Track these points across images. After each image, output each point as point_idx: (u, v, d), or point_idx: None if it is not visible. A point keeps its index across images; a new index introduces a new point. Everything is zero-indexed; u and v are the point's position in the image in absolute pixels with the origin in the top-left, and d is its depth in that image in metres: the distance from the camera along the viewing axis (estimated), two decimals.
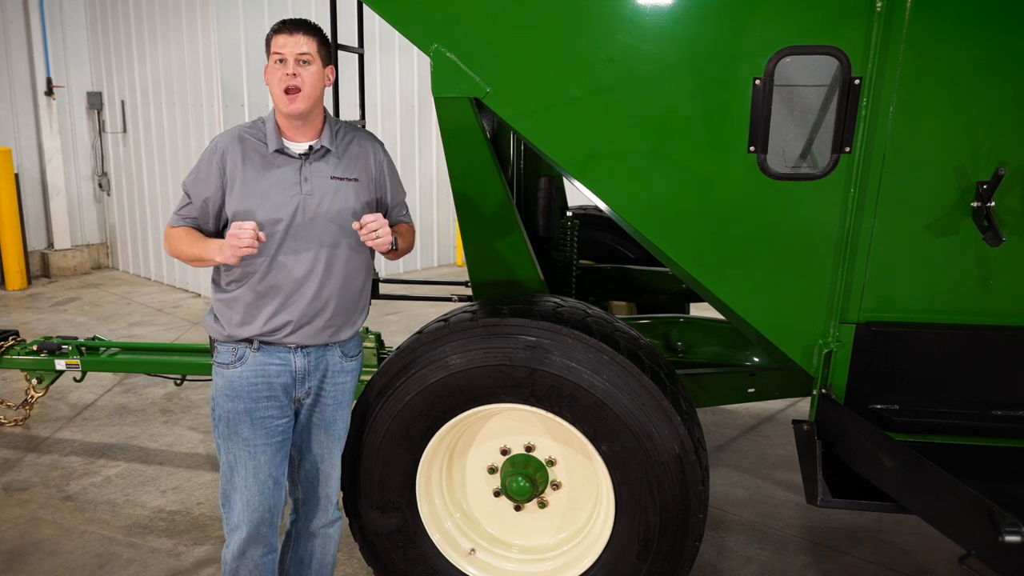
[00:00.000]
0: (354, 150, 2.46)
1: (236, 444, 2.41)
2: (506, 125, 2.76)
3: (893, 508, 2.53)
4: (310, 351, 2.44)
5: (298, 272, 2.36)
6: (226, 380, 2.40)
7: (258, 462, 2.41)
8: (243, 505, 2.44)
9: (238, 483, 2.43)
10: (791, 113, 2.43)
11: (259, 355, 2.39)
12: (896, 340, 2.53)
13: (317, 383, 2.49)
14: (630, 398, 2.51)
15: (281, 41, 2.28)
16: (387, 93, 8.73)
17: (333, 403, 2.54)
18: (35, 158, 8.67)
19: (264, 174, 2.34)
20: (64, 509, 3.81)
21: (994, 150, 2.35)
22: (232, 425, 2.40)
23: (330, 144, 2.40)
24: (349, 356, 2.55)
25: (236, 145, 2.35)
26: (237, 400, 2.39)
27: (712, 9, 2.40)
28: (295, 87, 2.27)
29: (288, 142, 2.37)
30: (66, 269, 8.88)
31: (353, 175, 2.42)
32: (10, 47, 8.38)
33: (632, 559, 2.64)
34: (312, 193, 2.35)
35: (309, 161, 2.37)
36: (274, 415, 2.42)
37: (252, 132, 2.38)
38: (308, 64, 2.29)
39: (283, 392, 2.43)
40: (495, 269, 3.10)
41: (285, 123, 2.36)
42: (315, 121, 2.38)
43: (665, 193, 2.59)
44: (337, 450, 2.61)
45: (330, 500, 2.65)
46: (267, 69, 2.34)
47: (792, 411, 5.05)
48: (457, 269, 9.42)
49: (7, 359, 4.27)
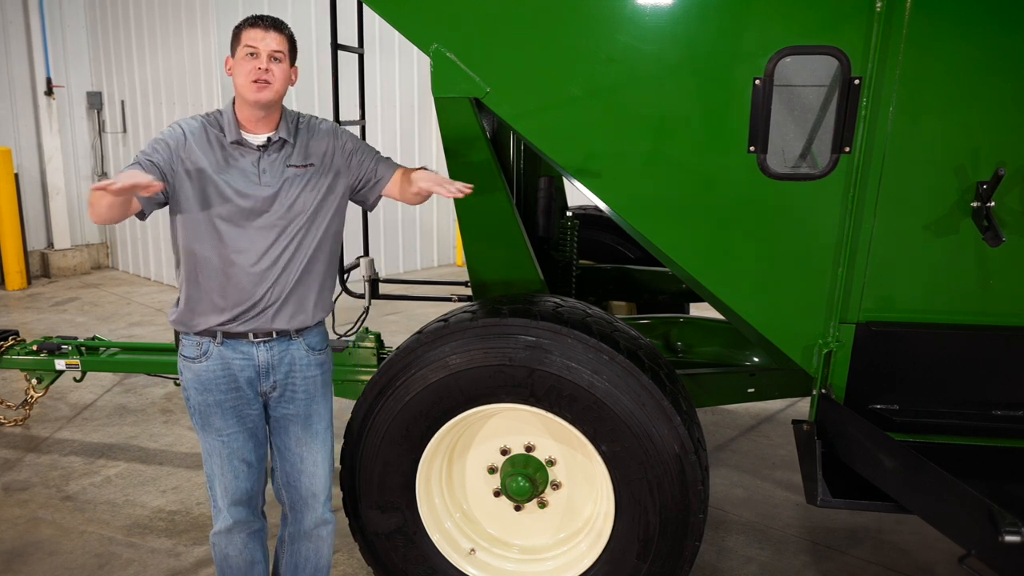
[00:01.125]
0: (312, 139, 2.47)
1: (210, 434, 2.49)
2: (506, 125, 2.76)
3: (893, 508, 2.53)
4: (272, 344, 2.45)
5: (256, 262, 2.37)
6: (194, 374, 2.45)
7: (231, 449, 2.49)
8: (222, 490, 2.54)
9: (215, 470, 2.52)
10: (791, 113, 2.43)
11: (223, 349, 2.42)
12: (896, 340, 2.53)
13: (283, 377, 2.49)
14: (630, 398, 2.51)
15: (256, 35, 2.30)
16: (387, 93, 8.73)
17: (306, 397, 2.54)
18: (35, 158, 8.67)
19: (223, 164, 2.36)
20: (64, 509, 3.81)
21: (994, 150, 2.35)
22: (204, 416, 2.47)
23: (287, 135, 2.41)
24: (315, 350, 2.55)
25: (200, 131, 2.37)
26: (207, 393, 2.44)
27: (712, 9, 2.40)
28: (266, 80, 2.29)
29: (246, 134, 2.38)
30: (66, 269, 8.88)
31: (309, 161, 2.44)
32: (10, 47, 8.38)
33: (632, 559, 2.64)
34: (270, 184, 2.37)
35: (267, 152, 2.39)
36: (242, 405, 2.47)
37: (211, 122, 2.40)
38: (279, 61, 2.32)
39: (247, 386, 2.46)
40: (495, 269, 3.10)
41: (246, 114, 2.36)
42: (275, 114, 2.40)
43: (665, 193, 2.59)
44: (318, 446, 2.60)
45: (317, 498, 2.64)
46: (232, 60, 2.35)
47: (792, 411, 5.05)
48: (457, 269, 9.42)
49: (7, 359, 4.28)
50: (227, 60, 2.39)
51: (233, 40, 2.35)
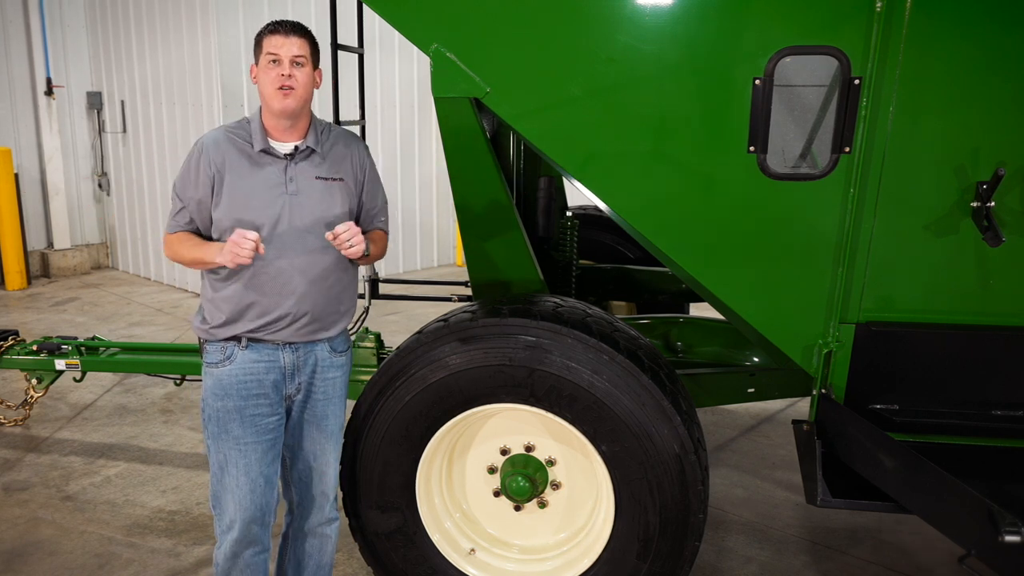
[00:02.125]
0: (339, 150, 2.47)
1: (226, 443, 2.42)
2: (506, 125, 2.76)
3: (893, 508, 2.53)
4: (298, 347, 2.45)
5: (285, 270, 2.37)
6: (215, 379, 2.42)
7: (249, 460, 2.42)
8: (235, 505, 2.45)
9: (229, 483, 2.44)
10: (791, 113, 2.43)
11: (247, 352, 2.41)
12: (896, 340, 2.53)
13: (307, 379, 2.49)
14: (630, 398, 2.51)
15: (277, 42, 2.30)
16: (387, 93, 8.72)
17: (324, 398, 2.54)
18: (35, 158, 8.67)
19: (250, 174, 2.35)
20: (64, 509, 3.81)
21: (994, 150, 2.35)
22: (222, 424, 2.42)
23: (315, 144, 2.41)
24: (338, 351, 2.55)
25: (221, 145, 2.36)
26: (227, 398, 2.40)
27: (712, 9, 2.40)
28: (289, 86, 2.29)
29: (273, 142, 2.38)
30: (66, 269, 8.88)
31: (338, 175, 2.44)
32: (10, 47, 8.38)
33: (632, 559, 2.64)
34: (298, 193, 2.36)
35: (295, 161, 2.38)
36: (264, 412, 2.43)
37: (237, 132, 2.39)
38: (302, 66, 2.32)
39: (273, 389, 2.44)
40: (495, 269, 3.10)
41: (273, 123, 2.37)
42: (302, 122, 2.40)
43: (665, 193, 2.60)
44: (331, 447, 2.60)
45: (326, 497, 2.64)
46: (256, 68, 2.36)
47: (792, 411, 5.05)
48: (457, 269, 9.42)
49: (7, 359, 4.28)
50: (252, 68, 2.39)
51: (256, 48, 2.36)
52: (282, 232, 2.35)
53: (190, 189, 2.37)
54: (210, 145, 2.36)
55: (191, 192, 2.37)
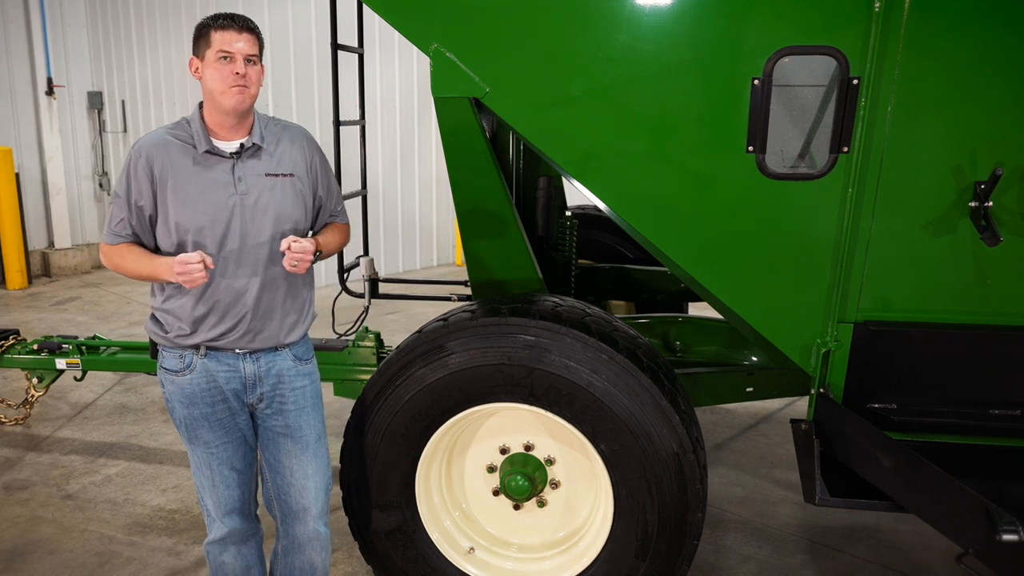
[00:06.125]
0: (285, 145, 2.38)
1: (198, 447, 2.44)
2: (506, 125, 2.76)
3: (891, 507, 2.53)
4: (259, 356, 2.39)
5: (240, 275, 2.30)
6: (178, 387, 2.37)
7: (220, 459, 2.45)
8: (214, 502, 2.50)
9: (204, 482, 2.48)
10: (789, 113, 2.44)
11: (207, 361, 2.35)
12: (894, 339, 2.53)
13: (270, 389, 2.43)
14: (629, 397, 2.51)
15: (229, 38, 2.19)
16: (387, 93, 8.73)
17: (295, 409, 2.46)
18: (35, 158, 8.68)
19: (196, 176, 2.25)
20: (64, 508, 3.82)
21: (992, 150, 2.35)
22: (191, 430, 2.41)
23: (261, 141, 2.32)
24: (302, 360, 2.49)
25: (162, 147, 2.26)
26: (193, 407, 2.38)
27: (711, 9, 2.40)
28: (244, 85, 2.21)
29: (218, 141, 2.29)
30: (66, 268, 8.89)
31: (288, 171, 2.35)
32: (10, 46, 8.39)
33: (631, 558, 2.65)
34: (248, 192, 2.28)
35: (241, 159, 2.29)
36: (231, 414, 2.42)
37: (177, 133, 2.29)
38: (254, 64, 2.24)
39: (234, 397, 2.40)
40: (494, 269, 3.10)
41: (218, 120, 2.27)
42: (248, 119, 2.32)
43: (664, 193, 2.60)
44: (309, 459, 2.51)
45: (308, 512, 2.55)
46: (200, 63, 2.24)
47: (790, 410, 5.05)
48: (457, 269, 9.43)
49: (8, 358, 4.28)
50: (192, 61, 2.27)
51: (200, 40, 2.23)
52: (233, 234, 2.27)
53: (132, 196, 2.26)
54: (150, 148, 2.25)
55: (133, 199, 2.26)
